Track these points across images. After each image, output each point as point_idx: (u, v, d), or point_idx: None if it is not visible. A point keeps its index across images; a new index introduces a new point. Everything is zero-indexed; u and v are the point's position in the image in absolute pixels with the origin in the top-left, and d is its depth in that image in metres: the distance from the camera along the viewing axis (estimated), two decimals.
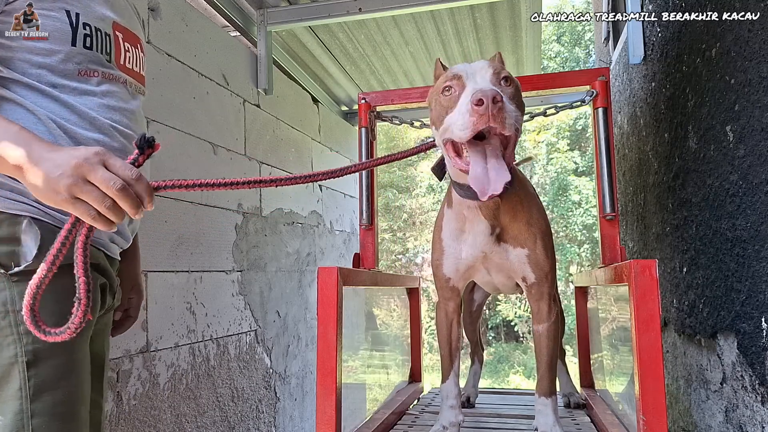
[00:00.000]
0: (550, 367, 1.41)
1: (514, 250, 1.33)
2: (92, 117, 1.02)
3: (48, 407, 0.90)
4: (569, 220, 9.69)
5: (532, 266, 1.34)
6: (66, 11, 1.00)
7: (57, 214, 0.97)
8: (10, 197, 0.93)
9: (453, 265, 1.40)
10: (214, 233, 2.47)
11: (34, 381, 0.89)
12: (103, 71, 1.06)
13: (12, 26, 0.99)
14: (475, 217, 1.31)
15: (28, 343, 0.90)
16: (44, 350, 0.91)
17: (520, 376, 8.64)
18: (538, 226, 1.34)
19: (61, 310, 0.92)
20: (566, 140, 10.30)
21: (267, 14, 2.87)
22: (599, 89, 1.77)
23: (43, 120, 0.96)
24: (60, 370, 0.92)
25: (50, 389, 0.90)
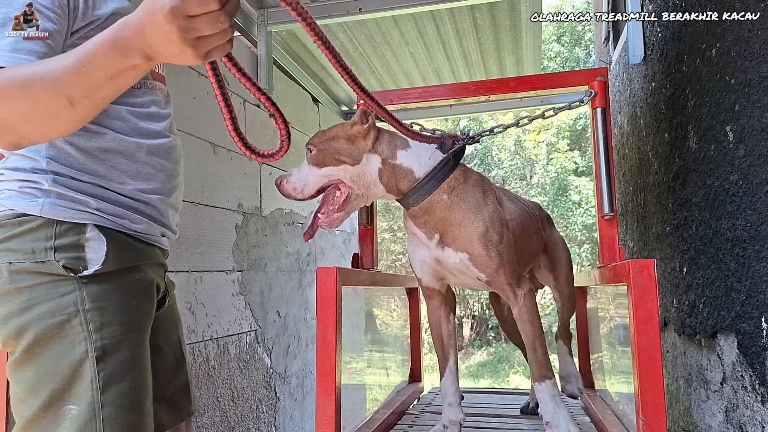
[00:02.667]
0: (533, 348, 1.39)
1: (456, 254, 1.38)
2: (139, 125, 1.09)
3: (116, 398, 0.97)
4: (569, 220, 9.68)
5: (479, 267, 1.37)
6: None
7: (121, 221, 1.04)
8: (73, 207, 0.99)
9: (418, 267, 1.50)
10: (215, 233, 2.47)
11: (103, 374, 0.96)
12: (145, 82, 1.12)
13: (12, 26, 0.99)
14: (412, 226, 1.43)
15: (96, 339, 0.97)
16: (111, 345, 0.98)
17: (520, 376, 8.63)
18: (474, 228, 1.36)
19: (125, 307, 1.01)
20: (566, 140, 10.30)
21: (267, 14, 2.87)
22: (598, 89, 1.76)
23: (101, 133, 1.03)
24: (125, 363, 0.99)
25: (117, 381, 0.97)
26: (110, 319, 0.98)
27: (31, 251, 0.96)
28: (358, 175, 1.39)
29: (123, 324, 1.00)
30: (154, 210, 1.11)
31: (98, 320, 0.97)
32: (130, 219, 1.06)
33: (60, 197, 0.98)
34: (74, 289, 0.97)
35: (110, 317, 0.98)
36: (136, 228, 1.07)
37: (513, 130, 10.63)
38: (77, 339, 0.96)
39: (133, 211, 1.07)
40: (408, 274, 2.20)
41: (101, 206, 1.02)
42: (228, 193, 2.59)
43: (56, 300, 0.96)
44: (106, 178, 1.03)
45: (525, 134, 10.66)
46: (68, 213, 0.98)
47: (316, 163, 1.40)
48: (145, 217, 1.09)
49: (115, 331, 0.99)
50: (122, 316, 1.00)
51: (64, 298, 0.96)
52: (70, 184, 1.00)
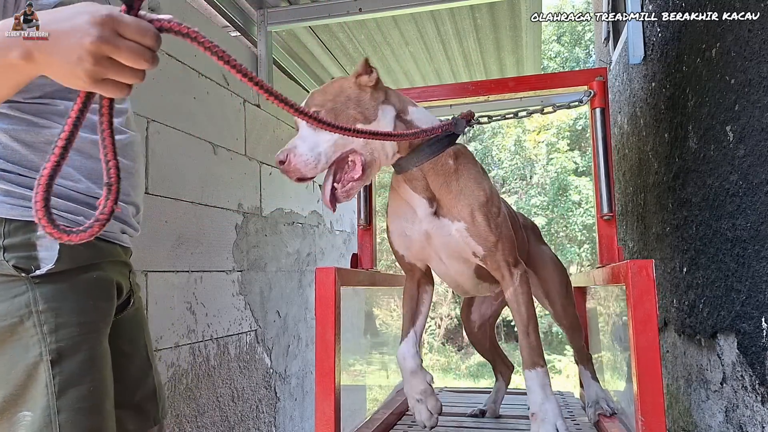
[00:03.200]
0: (526, 333, 1.31)
1: (452, 224, 1.30)
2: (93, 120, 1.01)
3: (73, 402, 0.93)
4: (569, 220, 9.68)
5: (476, 239, 1.28)
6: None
7: (72, 216, 0.99)
8: (23, 204, 0.95)
9: (402, 242, 1.40)
10: (215, 233, 2.47)
11: (59, 378, 0.93)
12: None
13: (12, 26, 0.99)
14: (408, 191, 1.32)
15: (51, 342, 0.93)
16: (67, 348, 0.94)
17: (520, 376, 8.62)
18: (475, 197, 1.29)
19: (82, 307, 0.97)
20: (566, 140, 10.29)
21: (267, 14, 2.87)
22: (597, 89, 1.76)
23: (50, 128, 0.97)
24: (83, 366, 0.95)
25: (75, 385, 0.94)
26: (66, 320, 0.94)
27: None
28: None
29: (80, 325, 0.96)
30: None
31: (53, 322, 0.93)
32: (85, 215, 1.01)
33: (7, 194, 0.94)
34: (26, 290, 0.93)
35: (66, 318, 0.94)
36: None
37: (513, 130, 10.63)
38: (31, 342, 0.92)
39: (89, 207, 1.02)
40: None
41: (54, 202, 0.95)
42: (228, 193, 2.59)
43: (7, 302, 0.92)
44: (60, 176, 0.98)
45: (525, 134, 10.66)
46: (17, 210, 0.94)
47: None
48: None
49: (71, 332, 0.95)
50: (79, 316, 0.96)
51: (15, 299, 0.92)
52: (18, 180, 0.95)
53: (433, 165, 1.29)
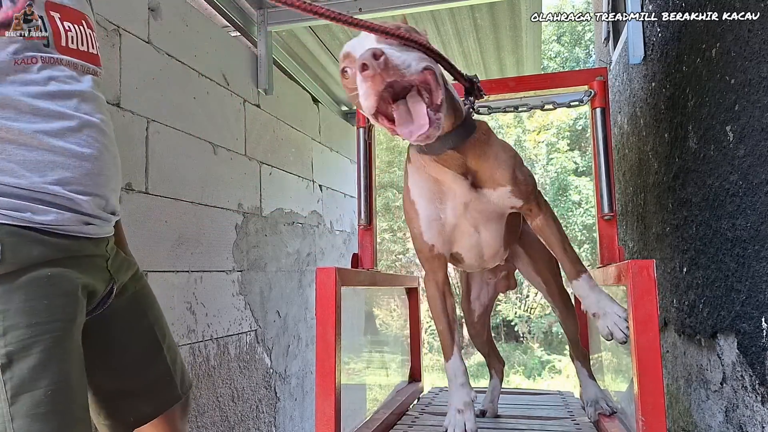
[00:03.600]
0: (564, 249, 1.35)
1: (495, 191, 1.29)
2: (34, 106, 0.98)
3: (27, 408, 0.89)
4: (569, 220, 9.68)
5: (518, 195, 1.31)
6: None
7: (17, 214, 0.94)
8: None
9: (435, 228, 1.33)
10: (215, 233, 2.47)
11: (10, 384, 0.88)
12: (41, 56, 1.00)
13: (12, 26, 0.99)
14: (442, 170, 1.27)
15: (0, 346, 0.89)
16: (17, 351, 0.90)
17: (520, 376, 8.63)
18: (509, 161, 1.30)
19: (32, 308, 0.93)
20: (566, 140, 10.30)
21: (267, 14, 2.87)
22: (597, 89, 1.77)
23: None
24: (37, 369, 0.91)
25: (28, 390, 0.89)
26: (15, 322, 0.90)
27: None
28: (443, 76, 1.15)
29: (31, 326, 0.91)
30: (65, 200, 0.99)
31: (0, 325, 0.89)
32: (33, 211, 0.95)
33: None
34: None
35: (15, 320, 0.90)
36: (42, 220, 0.95)
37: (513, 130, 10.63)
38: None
39: (38, 202, 0.96)
40: (408, 274, 2.19)
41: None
42: (228, 193, 2.59)
43: None
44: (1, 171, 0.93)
45: (525, 134, 10.66)
46: None
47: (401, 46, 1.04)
48: (54, 208, 0.98)
49: (21, 334, 0.90)
50: (29, 318, 0.91)
51: None
52: None
53: (471, 141, 1.26)
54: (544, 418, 1.82)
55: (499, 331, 10.62)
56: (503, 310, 10.09)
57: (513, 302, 9.99)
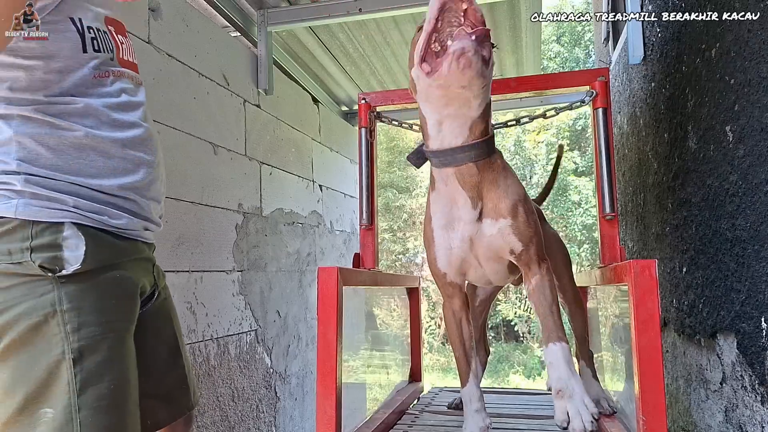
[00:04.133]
0: (550, 311, 1.28)
1: (496, 222, 1.27)
2: (111, 116, 1.05)
3: (93, 400, 0.94)
4: (569, 220, 9.68)
5: (517, 235, 1.27)
6: (70, 18, 1.01)
7: (100, 218, 1.01)
8: (49, 206, 0.97)
9: (445, 257, 1.33)
10: (215, 233, 2.47)
11: (80, 376, 0.94)
12: (112, 70, 1.08)
13: (12, 26, 0.99)
14: (457, 192, 1.27)
15: (74, 341, 0.95)
16: (88, 347, 0.96)
17: (520, 376, 8.64)
18: (517, 194, 1.29)
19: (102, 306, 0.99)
20: (566, 140, 10.30)
21: (267, 14, 2.87)
22: (599, 89, 1.77)
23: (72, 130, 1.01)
24: (103, 365, 0.97)
25: (95, 383, 0.95)
26: (88, 319, 0.96)
27: (8, 252, 0.94)
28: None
29: (101, 324, 0.98)
30: (134, 204, 1.08)
31: (76, 321, 0.95)
32: (110, 215, 1.03)
33: (34, 197, 0.96)
34: (52, 289, 0.95)
35: (87, 317, 0.96)
36: (116, 224, 1.04)
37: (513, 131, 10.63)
38: (54, 340, 0.94)
39: (112, 206, 1.04)
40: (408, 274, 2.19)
41: (78, 203, 0.99)
42: (228, 193, 2.59)
43: (33, 300, 0.94)
44: (82, 175, 1.00)
45: (525, 134, 10.66)
46: (44, 212, 0.96)
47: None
48: (125, 212, 1.06)
49: (93, 331, 0.96)
50: (100, 315, 0.98)
51: (41, 298, 0.94)
52: (44, 183, 0.97)
53: (488, 161, 1.26)
54: (544, 417, 1.83)
55: (499, 331, 10.62)
56: (503, 309, 10.09)
57: (513, 302, 9.99)
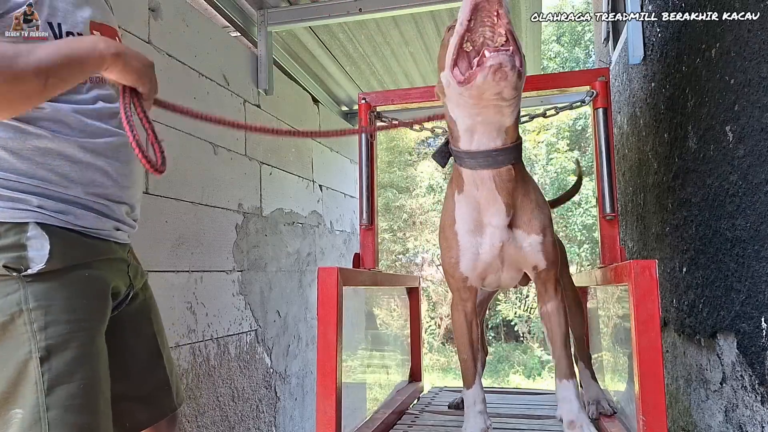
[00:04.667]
0: (564, 345, 1.35)
1: (528, 237, 1.28)
2: (83, 123, 1.04)
3: (62, 400, 0.93)
4: (569, 220, 9.68)
5: (545, 253, 1.30)
6: (49, 23, 1.00)
7: (62, 216, 1.00)
8: (13, 206, 0.96)
9: (470, 262, 1.31)
10: (215, 233, 2.47)
11: (47, 375, 0.93)
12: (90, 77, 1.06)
13: (12, 26, 0.99)
14: (491, 196, 1.23)
15: (41, 339, 0.94)
16: (56, 345, 0.95)
17: (520, 375, 8.64)
18: (546, 212, 1.31)
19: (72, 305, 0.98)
20: (566, 140, 10.30)
21: (267, 15, 2.87)
22: (599, 90, 1.77)
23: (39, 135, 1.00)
24: (73, 363, 0.96)
25: (64, 382, 0.94)
26: (55, 318, 0.95)
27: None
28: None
29: (69, 322, 0.97)
30: (103, 207, 1.07)
31: (42, 320, 0.94)
32: (75, 215, 1.02)
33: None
34: (18, 289, 0.94)
35: (55, 316, 0.95)
36: (82, 224, 1.03)
37: None
38: (21, 339, 0.93)
39: (79, 207, 1.03)
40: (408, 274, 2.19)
41: (43, 203, 0.98)
42: (228, 193, 2.59)
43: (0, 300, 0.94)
44: (46, 180, 1.00)
45: (525, 134, 10.66)
46: (7, 213, 0.95)
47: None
48: (92, 212, 1.05)
49: (61, 330, 0.95)
50: (69, 314, 0.97)
51: (7, 298, 0.94)
52: (7, 185, 0.96)
53: (520, 168, 1.25)
54: (544, 417, 1.83)
55: (499, 331, 10.62)
56: (503, 309, 10.09)
57: (513, 302, 9.99)
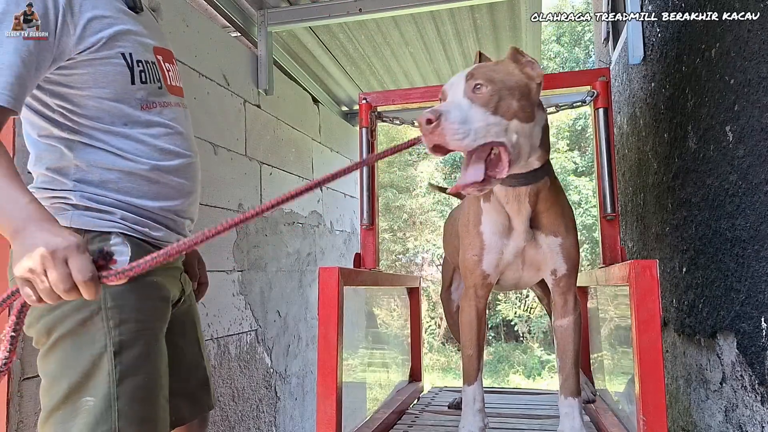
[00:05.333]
0: (576, 363, 1.36)
1: (546, 238, 1.31)
2: (156, 146, 1.14)
3: (130, 391, 1.02)
4: None
5: (564, 256, 1.32)
6: (121, 53, 1.09)
7: (143, 229, 1.11)
8: (99, 218, 1.07)
9: (494, 260, 1.35)
10: None
11: (119, 368, 1.02)
12: (159, 101, 1.17)
13: (12, 26, 0.99)
14: (519, 206, 1.28)
15: (115, 335, 1.03)
16: (127, 341, 1.04)
17: (520, 375, 8.64)
18: (570, 216, 1.34)
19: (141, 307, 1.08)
20: (566, 140, 10.30)
21: (267, 15, 2.87)
22: (600, 90, 1.77)
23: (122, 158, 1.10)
24: (140, 359, 1.05)
25: (132, 375, 1.03)
26: (128, 316, 1.05)
27: None
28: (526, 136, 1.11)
29: (139, 321, 1.06)
30: (171, 222, 1.19)
31: (117, 318, 1.03)
32: (150, 228, 1.13)
33: (87, 210, 1.07)
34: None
35: (128, 315, 1.05)
36: (155, 235, 1.14)
37: None
38: (98, 335, 1.02)
39: (153, 221, 1.14)
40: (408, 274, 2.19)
41: (125, 216, 1.10)
42: (228, 193, 2.59)
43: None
44: (129, 195, 1.11)
45: None
46: (95, 222, 1.07)
47: (486, 105, 1.06)
48: (164, 226, 1.17)
49: (131, 327, 1.05)
50: (138, 314, 1.07)
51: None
52: (96, 198, 1.08)
53: (538, 186, 1.27)
54: (544, 417, 1.83)
55: (499, 331, 10.62)
56: (503, 309, 10.10)
57: (513, 302, 10.00)
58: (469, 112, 1.05)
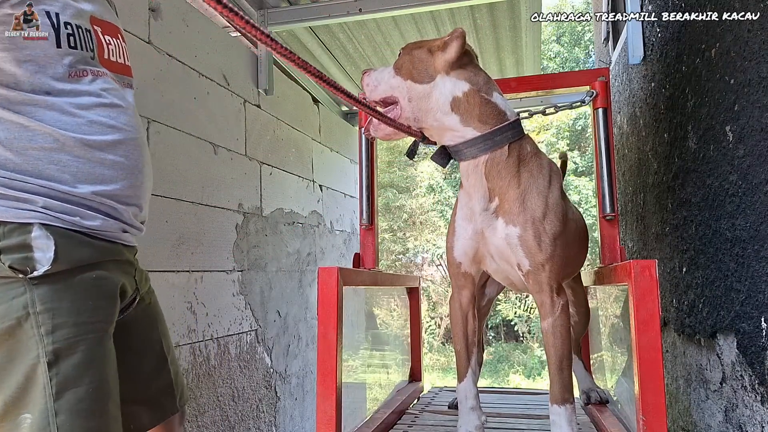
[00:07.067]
0: (560, 368, 1.25)
1: (505, 227, 1.23)
2: (87, 118, 1.01)
3: (71, 404, 0.92)
4: None
5: (524, 251, 1.21)
6: (46, 12, 0.98)
7: (71, 218, 0.98)
8: (17, 206, 0.95)
9: (461, 247, 1.32)
10: (215, 233, 2.47)
11: (56, 380, 0.92)
12: (91, 69, 1.04)
13: (12, 26, 0.99)
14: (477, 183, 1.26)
15: (48, 343, 0.92)
16: (64, 349, 0.93)
17: (520, 375, 8.64)
18: (536, 203, 1.22)
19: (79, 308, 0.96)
20: (566, 140, 10.30)
21: (267, 15, 2.87)
22: (599, 90, 1.77)
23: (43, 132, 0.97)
24: (81, 367, 0.94)
25: (72, 386, 0.93)
26: (63, 321, 0.93)
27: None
28: (419, 98, 1.26)
29: (77, 325, 0.95)
30: (110, 209, 1.05)
31: (50, 323, 0.92)
32: (82, 216, 0.99)
33: (2, 198, 0.93)
34: (24, 292, 0.92)
35: (63, 319, 0.93)
36: (89, 225, 1.00)
37: None
38: (29, 344, 0.91)
39: (86, 208, 1.00)
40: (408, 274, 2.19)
41: (48, 204, 0.96)
42: (228, 193, 2.59)
43: (6, 303, 0.91)
44: (53, 179, 0.97)
45: None
46: (11, 213, 0.93)
47: (396, 68, 1.30)
48: (100, 214, 1.03)
49: (68, 333, 0.93)
50: (76, 317, 0.95)
51: (14, 301, 0.92)
52: (12, 184, 0.94)
53: (492, 158, 1.23)
54: (544, 417, 1.83)
55: (499, 331, 10.62)
56: (503, 309, 10.09)
57: (513, 302, 9.99)
58: (385, 73, 1.31)
